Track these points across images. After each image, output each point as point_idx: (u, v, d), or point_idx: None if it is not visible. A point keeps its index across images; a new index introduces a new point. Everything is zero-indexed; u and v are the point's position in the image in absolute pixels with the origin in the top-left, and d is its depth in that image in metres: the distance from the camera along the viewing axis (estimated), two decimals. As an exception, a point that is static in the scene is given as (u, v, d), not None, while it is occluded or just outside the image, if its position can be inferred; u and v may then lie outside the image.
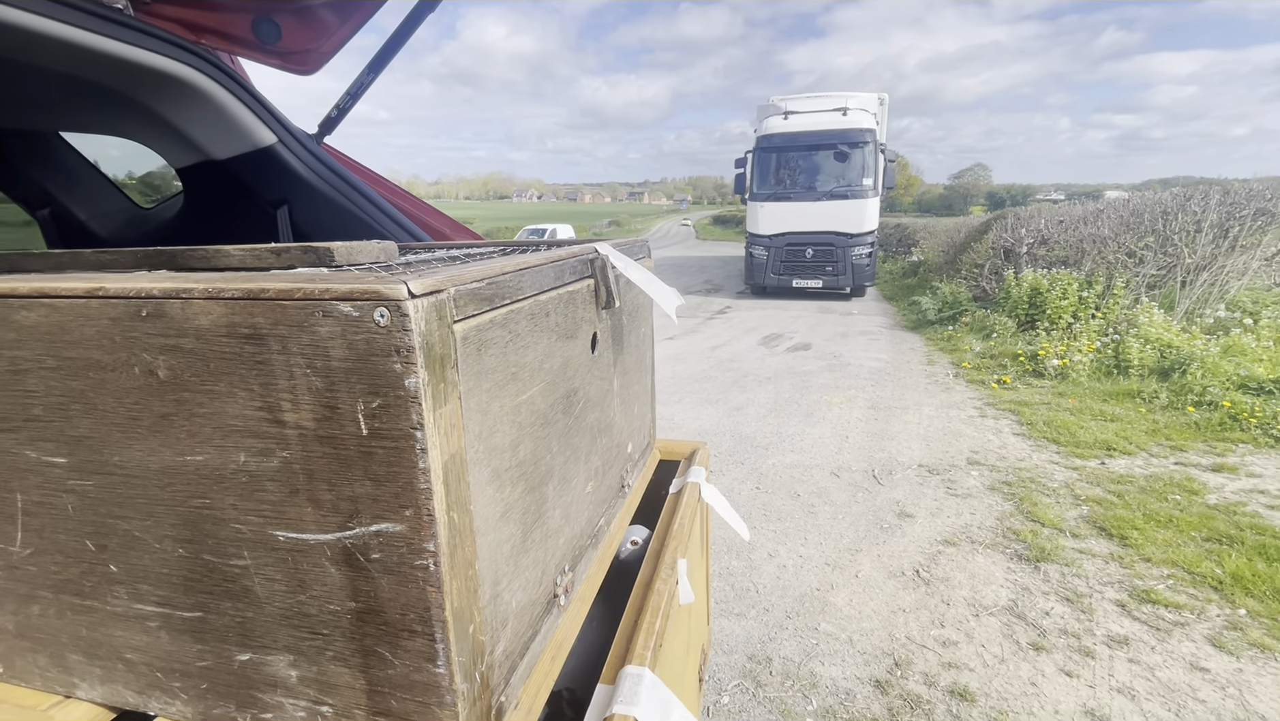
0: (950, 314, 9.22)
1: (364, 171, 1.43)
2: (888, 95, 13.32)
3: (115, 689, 0.53)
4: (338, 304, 0.38)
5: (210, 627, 0.48)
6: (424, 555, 0.41)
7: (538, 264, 0.56)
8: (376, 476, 0.41)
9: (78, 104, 1.27)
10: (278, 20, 1.20)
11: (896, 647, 2.67)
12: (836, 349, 8.28)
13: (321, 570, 0.44)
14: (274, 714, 0.49)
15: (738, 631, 2.81)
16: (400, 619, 0.43)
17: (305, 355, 0.40)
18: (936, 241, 15.09)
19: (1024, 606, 2.91)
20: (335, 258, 0.59)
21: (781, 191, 12.43)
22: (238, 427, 0.43)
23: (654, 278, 0.75)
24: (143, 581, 0.49)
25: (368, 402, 0.40)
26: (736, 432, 5.24)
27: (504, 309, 0.49)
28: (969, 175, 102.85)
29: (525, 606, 0.55)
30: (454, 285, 0.42)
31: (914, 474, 4.38)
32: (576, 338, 0.65)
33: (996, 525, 3.67)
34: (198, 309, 0.41)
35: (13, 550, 0.51)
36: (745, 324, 10.34)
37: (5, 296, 0.45)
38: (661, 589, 0.70)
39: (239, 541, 0.45)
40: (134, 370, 0.44)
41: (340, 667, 0.46)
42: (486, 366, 0.47)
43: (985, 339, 7.84)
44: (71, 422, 0.47)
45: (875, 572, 3.22)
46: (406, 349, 0.38)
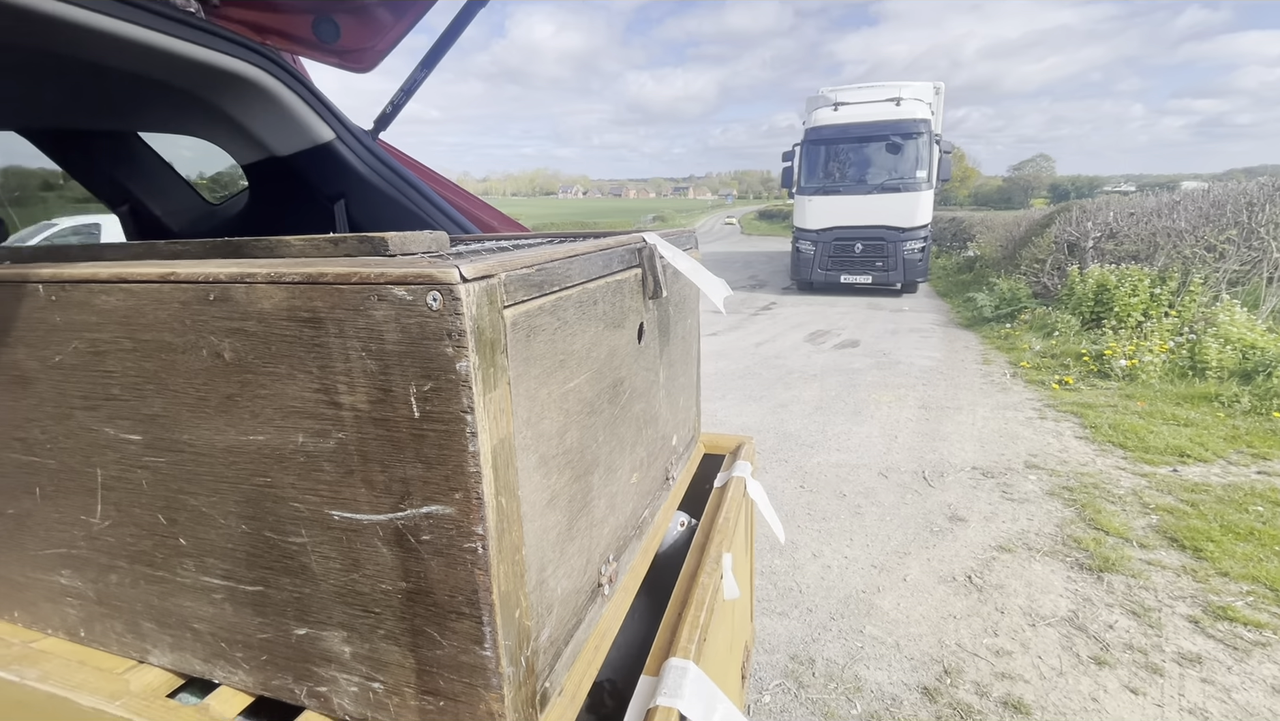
0: (1008, 311, 8.85)
1: (417, 166, 1.46)
2: (944, 84, 12.85)
3: (184, 656, 0.56)
4: (392, 288, 0.39)
5: (270, 601, 0.50)
6: (473, 538, 0.42)
7: (586, 252, 0.56)
8: (428, 459, 0.42)
9: (154, 105, 1.34)
10: (337, 20, 1.24)
11: (946, 655, 2.59)
12: (886, 346, 8.06)
13: (374, 550, 0.45)
14: (328, 687, 0.50)
15: (780, 630, 2.78)
16: (449, 600, 0.44)
17: (360, 338, 0.41)
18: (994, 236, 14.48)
19: (1085, 618, 2.77)
20: (390, 246, 0.60)
21: (830, 185, 12.15)
22: (297, 409, 0.44)
23: (701, 268, 0.74)
24: (209, 555, 0.51)
25: (420, 385, 0.40)
26: (780, 430, 5.16)
27: (553, 295, 0.49)
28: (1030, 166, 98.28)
29: (570, 594, 0.55)
30: (505, 270, 0.43)
31: (967, 476, 4.23)
32: (623, 327, 0.65)
33: (1056, 532, 3.50)
34: (260, 293, 0.42)
35: (93, 521, 0.54)
36: (791, 320, 10.17)
37: (87, 282, 0.48)
38: (706, 582, 0.69)
39: (297, 519, 0.47)
40: (202, 352, 0.46)
41: (391, 646, 0.47)
42: (535, 352, 0.47)
43: (1046, 337, 7.49)
44: (146, 402, 0.49)
45: (924, 577, 3.13)
46: (458, 332, 0.38)
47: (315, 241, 0.66)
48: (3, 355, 0.52)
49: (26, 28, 0.93)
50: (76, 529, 0.56)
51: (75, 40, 1.00)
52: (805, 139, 12.32)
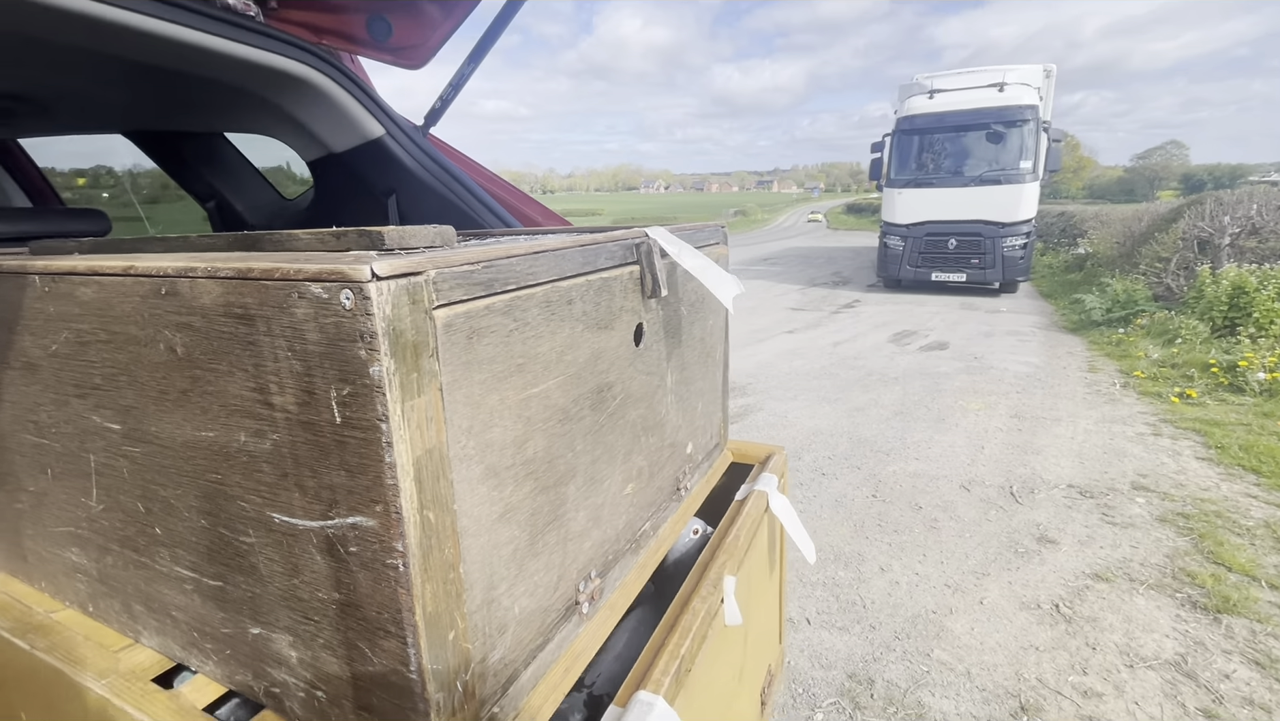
0: (1122, 314, 8.02)
1: (465, 161, 1.48)
2: (1055, 67, 11.80)
3: (167, 641, 0.57)
4: (309, 285, 0.37)
5: (229, 597, 0.50)
6: (394, 554, 0.39)
7: (559, 247, 0.52)
8: (350, 467, 0.39)
9: (230, 107, 1.42)
10: (389, 18, 1.27)
11: (1024, 689, 2.37)
12: (978, 349, 7.53)
13: (310, 556, 0.43)
14: (281, 690, 0.50)
15: (839, 646, 2.64)
16: (377, 616, 0.42)
17: (286, 337, 0.39)
18: (1110, 231, 13.18)
19: (1195, 664, 2.46)
20: (386, 241, 0.59)
21: (923, 177, 11.47)
22: (238, 407, 0.43)
23: (711, 264, 0.68)
24: (179, 546, 0.52)
25: (339, 389, 0.38)
26: (855, 435, 4.93)
27: (506, 295, 0.46)
28: (1158, 155, 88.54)
29: (533, 613, 0.52)
30: (435, 267, 0.39)
31: (1061, 494, 3.87)
32: (613, 328, 0.61)
33: (1165, 563, 3.14)
34: (201, 288, 0.42)
35: (90, 504, 0.57)
36: (874, 319, 9.71)
37: (69, 274, 0.49)
38: (698, 607, 0.64)
39: (245, 519, 0.46)
40: (159, 346, 0.46)
41: (330, 656, 0.45)
42: (480, 356, 0.44)
43: (1166, 345, 6.73)
44: (121, 393, 0.50)
45: (1004, 601, 2.88)
46: (369, 334, 0.36)
47: (321, 235, 0.66)
48: (15, 342, 0.55)
49: (125, 41, 1.01)
50: (79, 510, 0.58)
51: (156, 48, 1.07)
52: (897, 129, 11.69)
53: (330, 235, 0.64)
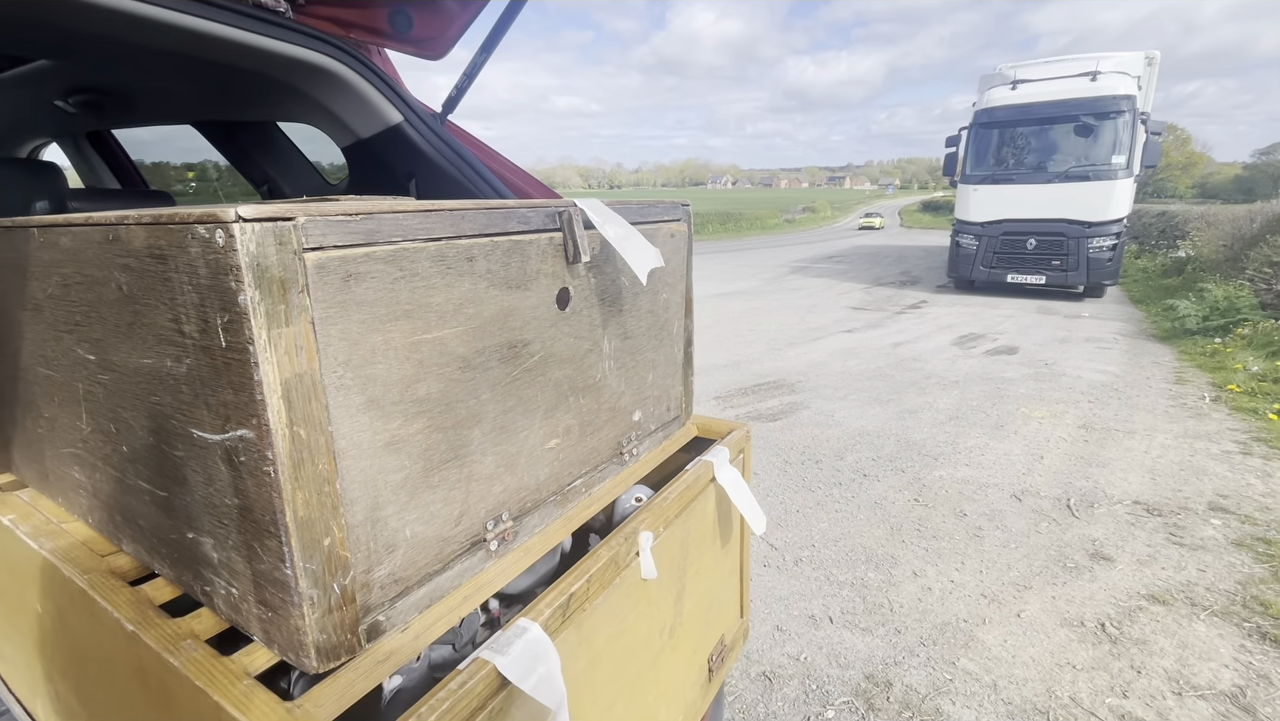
0: (1220, 323, 7.35)
1: (481, 148, 1.56)
2: (1159, 54, 10.88)
3: (139, 548, 0.66)
4: (197, 227, 0.43)
5: (173, 506, 0.58)
6: (266, 462, 0.45)
7: (459, 209, 0.57)
8: (234, 385, 0.45)
9: (271, 98, 1.56)
10: (409, 11, 1.36)
11: (1055, 707, 2.26)
12: (1050, 355, 7.09)
13: (217, 466, 0.50)
14: (210, 588, 0.57)
15: (860, 647, 2.59)
16: (262, 519, 0.48)
17: (186, 273, 0.46)
18: (1217, 233, 12.06)
19: (1254, 697, 2.27)
20: None
21: (1001, 173, 10.86)
22: (164, 336, 0.50)
23: (635, 235, 0.71)
24: (139, 461, 0.60)
25: (222, 317, 0.44)
26: (904, 438, 4.77)
27: (389, 246, 0.51)
28: (1285, 150, 79.69)
29: (428, 540, 0.57)
30: (307, 215, 0.45)
31: (1125, 510, 3.62)
32: (528, 289, 0.65)
33: (1235, 590, 2.89)
34: (133, 234, 0.49)
35: (82, 426, 0.66)
36: (940, 321, 9.30)
37: (52, 226, 0.59)
38: (604, 554, 0.67)
39: (176, 435, 0.53)
40: (111, 285, 0.54)
41: (237, 556, 0.52)
42: (359, 298, 0.49)
43: (1269, 357, 6.13)
44: (92, 327, 0.59)
45: (1044, 616, 2.74)
46: (235, 267, 0.42)
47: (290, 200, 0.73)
48: (27, 288, 0.66)
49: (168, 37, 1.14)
50: (75, 433, 0.68)
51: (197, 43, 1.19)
52: (974, 122, 11.12)
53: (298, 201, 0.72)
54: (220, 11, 1.15)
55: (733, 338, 8.36)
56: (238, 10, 1.18)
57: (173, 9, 1.08)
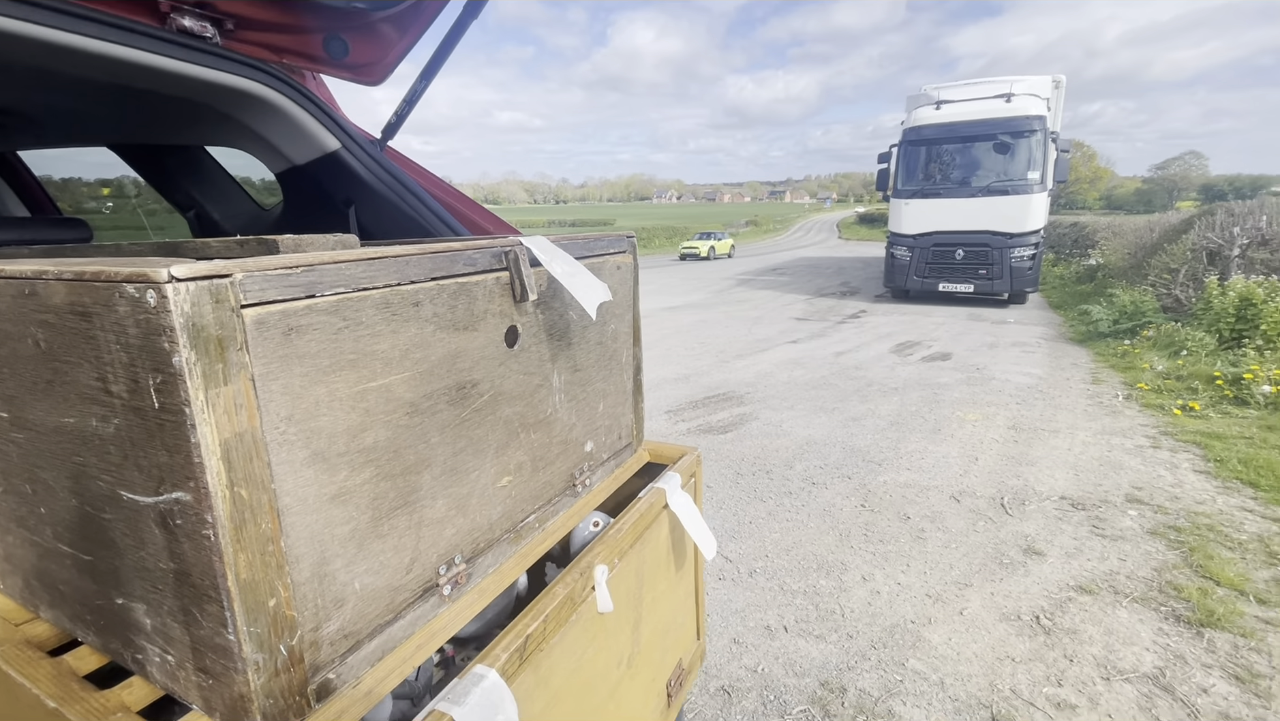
0: (1129, 326, 7.94)
1: (421, 173, 1.54)
2: (1065, 78, 11.75)
3: (59, 614, 0.62)
4: (125, 286, 0.42)
5: (99, 571, 0.54)
6: (206, 525, 0.44)
7: (404, 254, 0.57)
8: (169, 447, 0.44)
9: (196, 122, 1.50)
10: (345, 37, 1.34)
11: (998, 700, 2.36)
12: (981, 360, 7.48)
13: (150, 530, 0.48)
14: (143, 656, 0.54)
15: (814, 654, 2.64)
16: (200, 583, 0.46)
17: (114, 332, 0.44)
18: (1122, 242, 13.05)
19: (1174, 677, 2.43)
20: (280, 248, 0.64)
21: (930, 188, 11.46)
22: (88, 395, 0.48)
23: (582, 271, 0.73)
24: (58, 524, 0.56)
25: (154, 378, 0.42)
26: (849, 445, 4.92)
27: (331, 297, 0.50)
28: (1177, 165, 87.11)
29: (379, 591, 0.56)
30: (244, 271, 0.44)
31: (1053, 506, 3.84)
32: (476, 330, 0.65)
33: (1153, 576, 3.10)
34: (53, 289, 0.47)
35: (-8, 487, 0.62)
36: (879, 330, 9.68)
37: None
38: (559, 592, 0.67)
39: (102, 497, 0.51)
40: (28, 341, 0.51)
41: (173, 621, 0.50)
42: (300, 351, 0.48)
43: (1172, 357, 6.65)
44: (4, 383, 0.55)
45: (985, 612, 2.87)
46: (169, 329, 0.40)
47: (228, 243, 0.71)
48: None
49: (85, 64, 1.08)
50: (-16, 492, 0.64)
51: (116, 70, 1.14)
52: (903, 139, 11.70)
53: (235, 243, 0.70)
54: (143, 39, 1.11)
55: (682, 351, 8.45)
56: (162, 38, 1.13)
57: (91, 36, 1.03)
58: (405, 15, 1.33)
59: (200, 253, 0.71)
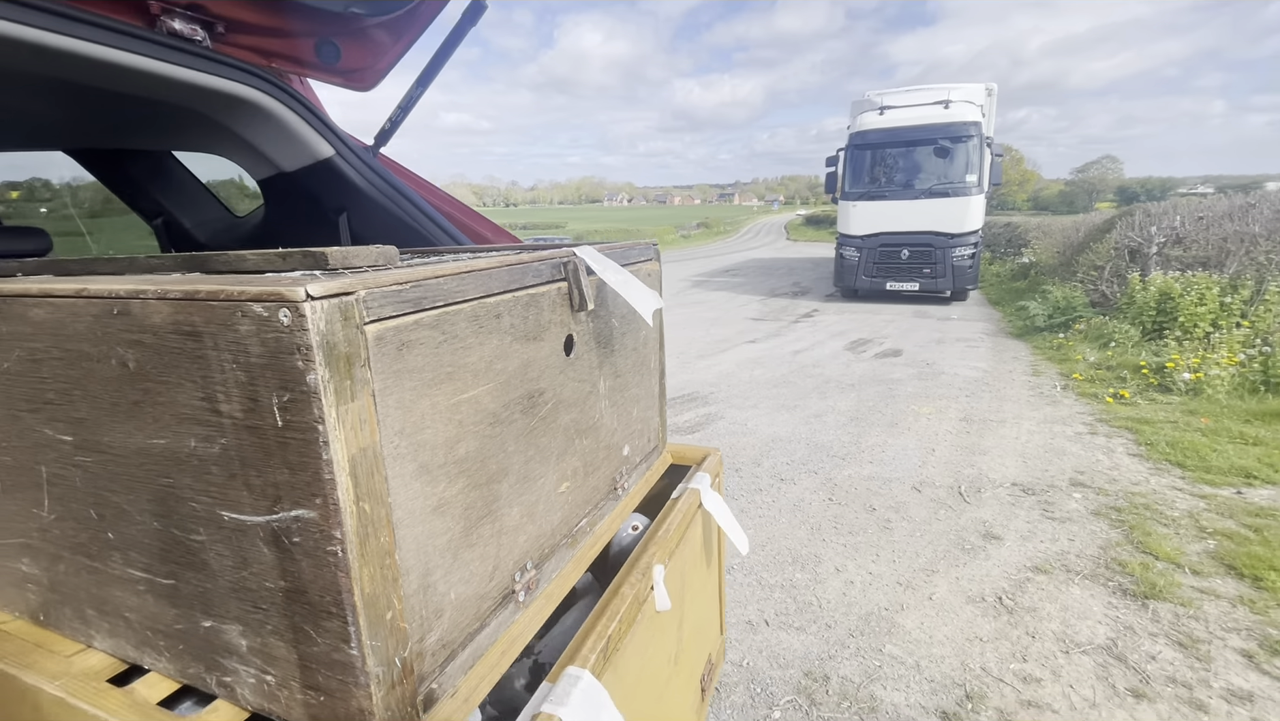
0: (1062, 320, 8.44)
1: (416, 180, 1.52)
2: (997, 86, 12.41)
3: (119, 642, 0.60)
4: (252, 305, 0.42)
5: (180, 594, 0.53)
6: (333, 542, 0.44)
7: (487, 267, 0.58)
8: (291, 465, 0.44)
9: (177, 127, 1.44)
10: (337, 42, 1.31)
11: (970, 678, 2.48)
12: (930, 356, 7.81)
13: (258, 549, 0.48)
14: (232, 677, 0.53)
15: (795, 645, 2.72)
16: (320, 600, 0.46)
17: (231, 351, 0.44)
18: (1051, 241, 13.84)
19: (1125, 647, 2.61)
20: (330, 261, 0.64)
21: (876, 190, 11.89)
22: (188, 415, 0.47)
23: (633, 280, 0.75)
24: (131, 549, 0.55)
25: (280, 396, 0.43)
26: (812, 441, 5.06)
27: (434, 311, 0.51)
28: (1095, 169, 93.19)
29: (469, 599, 0.57)
30: (366, 288, 0.45)
31: (1006, 493, 4.05)
32: (542, 340, 0.66)
33: (1099, 554, 3.32)
34: (152, 308, 0.46)
35: (42, 514, 0.59)
36: (832, 328, 9.97)
37: (20, 296, 0.53)
38: (626, 593, 0.69)
39: (195, 518, 0.50)
40: (111, 361, 0.50)
41: (278, 641, 0.49)
42: (410, 366, 0.49)
43: (1102, 348, 7.11)
44: (74, 406, 0.53)
45: (952, 596, 3.01)
46: (305, 347, 0.41)
47: (268, 256, 0.70)
48: (-33, 362, 0.58)
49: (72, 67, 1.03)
50: (30, 521, 0.61)
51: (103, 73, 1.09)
52: (850, 143, 12.10)
53: (277, 255, 0.69)
54: (129, 40, 1.06)
55: (643, 353, 8.47)
56: (149, 39, 1.09)
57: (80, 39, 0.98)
58: (400, 21, 1.31)
59: (234, 266, 0.69)
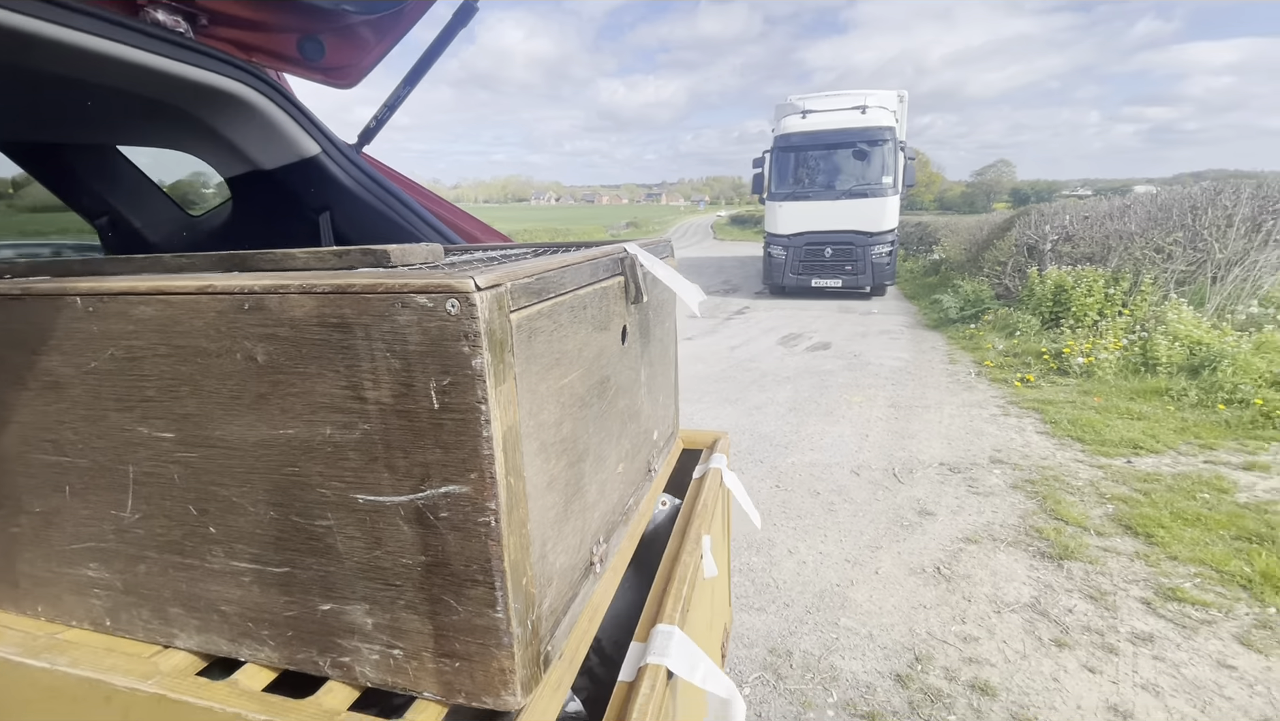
0: (972, 312, 9.13)
1: (401, 179, 1.51)
2: (907, 92, 13.23)
3: (210, 638, 0.60)
4: (415, 296, 0.45)
5: (296, 581, 0.55)
6: (486, 513, 0.48)
7: (577, 262, 0.62)
8: (445, 444, 0.47)
9: (136, 120, 1.36)
10: (322, 39, 1.29)
11: (917, 642, 2.69)
12: (856, 348, 8.25)
13: (395, 528, 0.50)
14: (351, 657, 0.55)
15: (758, 625, 2.85)
16: (464, 570, 0.50)
17: (385, 340, 0.46)
18: (958, 239, 14.91)
19: (1046, 603, 2.91)
20: (391, 259, 0.66)
21: (800, 191, 12.41)
22: (325, 404, 0.49)
23: (677, 274, 0.81)
24: (238, 541, 0.56)
25: (439, 380, 0.46)
26: (755, 431, 5.26)
27: (550, 301, 0.56)
28: (992, 172, 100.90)
29: (567, 569, 0.61)
30: (511, 280, 0.49)
31: (935, 472, 4.37)
32: (609, 329, 0.71)
33: (1019, 523, 3.65)
34: (293, 302, 0.48)
35: (123, 515, 0.59)
36: (764, 324, 10.33)
37: (125, 294, 0.53)
38: (687, 561, 0.76)
39: (323, 504, 0.52)
40: (236, 356, 0.51)
41: (410, 615, 0.52)
42: (536, 352, 0.53)
43: (1008, 337, 7.76)
44: (180, 402, 0.54)
45: (896, 569, 3.24)
46: (474, 334, 0.45)
47: (320, 254, 0.71)
48: (37, 363, 0.56)
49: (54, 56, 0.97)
50: (106, 523, 0.60)
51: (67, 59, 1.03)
52: (775, 146, 12.56)
53: (331, 254, 0.70)
54: (112, 28, 1.01)
55: (584, 352, 8.49)
56: (132, 28, 1.04)
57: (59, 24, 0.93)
58: (387, 19, 1.30)
59: (282, 264, 0.70)
